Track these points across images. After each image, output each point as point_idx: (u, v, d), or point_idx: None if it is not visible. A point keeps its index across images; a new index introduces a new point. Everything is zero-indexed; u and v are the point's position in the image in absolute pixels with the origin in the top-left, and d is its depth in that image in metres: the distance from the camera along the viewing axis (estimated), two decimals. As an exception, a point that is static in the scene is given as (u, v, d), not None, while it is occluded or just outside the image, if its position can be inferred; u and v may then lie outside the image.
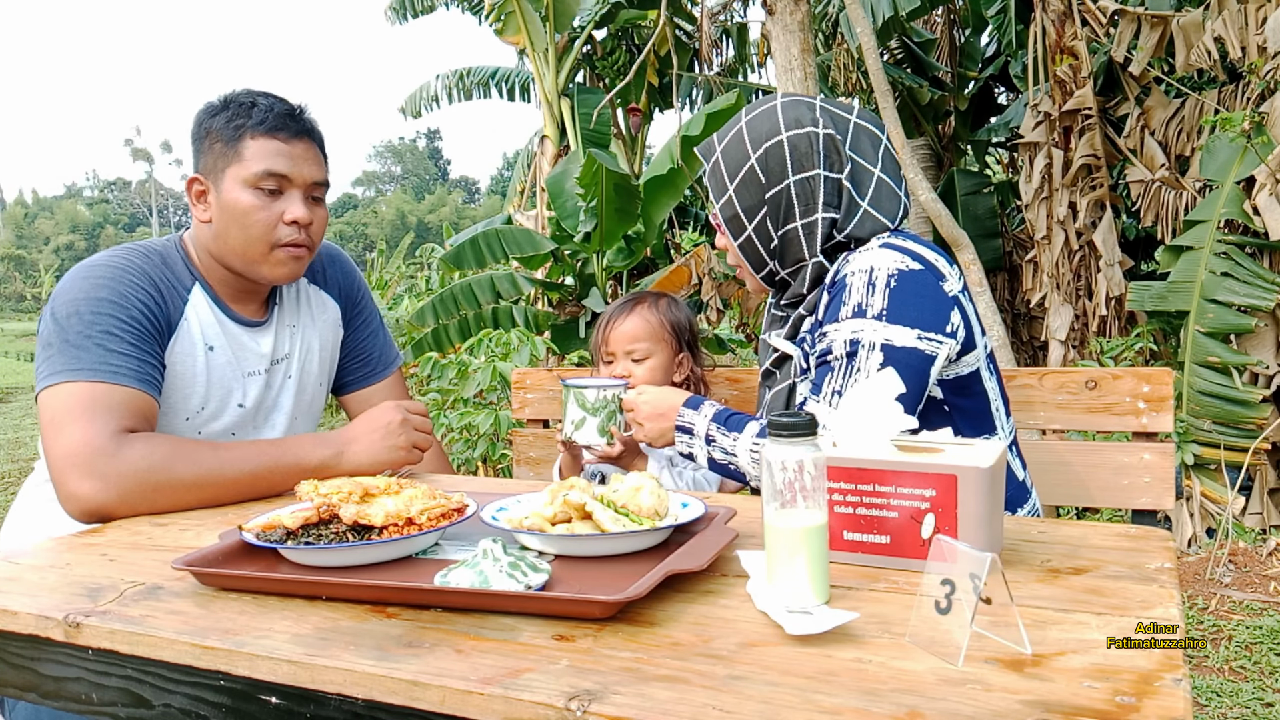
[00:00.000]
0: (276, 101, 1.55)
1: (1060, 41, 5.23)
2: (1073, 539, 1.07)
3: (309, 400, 1.71)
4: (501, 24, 8.17)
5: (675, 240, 9.75)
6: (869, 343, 1.34)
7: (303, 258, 1.56)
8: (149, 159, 71.83)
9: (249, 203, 1.50)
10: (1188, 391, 4.03)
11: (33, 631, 0.94)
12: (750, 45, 9.76)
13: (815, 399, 1.39)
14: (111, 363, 1.40)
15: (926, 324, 1.35)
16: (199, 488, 1.37)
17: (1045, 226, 5.48)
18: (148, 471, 1.34)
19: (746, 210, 1.50)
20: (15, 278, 49.76)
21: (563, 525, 1.08)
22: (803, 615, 0.82)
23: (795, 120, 1.47)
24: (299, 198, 1.53)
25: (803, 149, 1.46)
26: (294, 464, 1.43)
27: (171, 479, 1.35)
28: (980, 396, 1.45)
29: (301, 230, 1.54)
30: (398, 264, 15.70)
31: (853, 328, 1.36)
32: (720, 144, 1.53)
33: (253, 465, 1.41)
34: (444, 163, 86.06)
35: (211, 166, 1.53)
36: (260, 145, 1.50)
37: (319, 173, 1.57)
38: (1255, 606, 3.18)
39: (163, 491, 1.35)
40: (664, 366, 1.76)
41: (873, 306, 1.36)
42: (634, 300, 1.81)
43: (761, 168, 1.48)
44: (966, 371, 1.43)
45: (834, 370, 1.37)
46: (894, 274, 1.36)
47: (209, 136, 1.54)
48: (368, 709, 0.78)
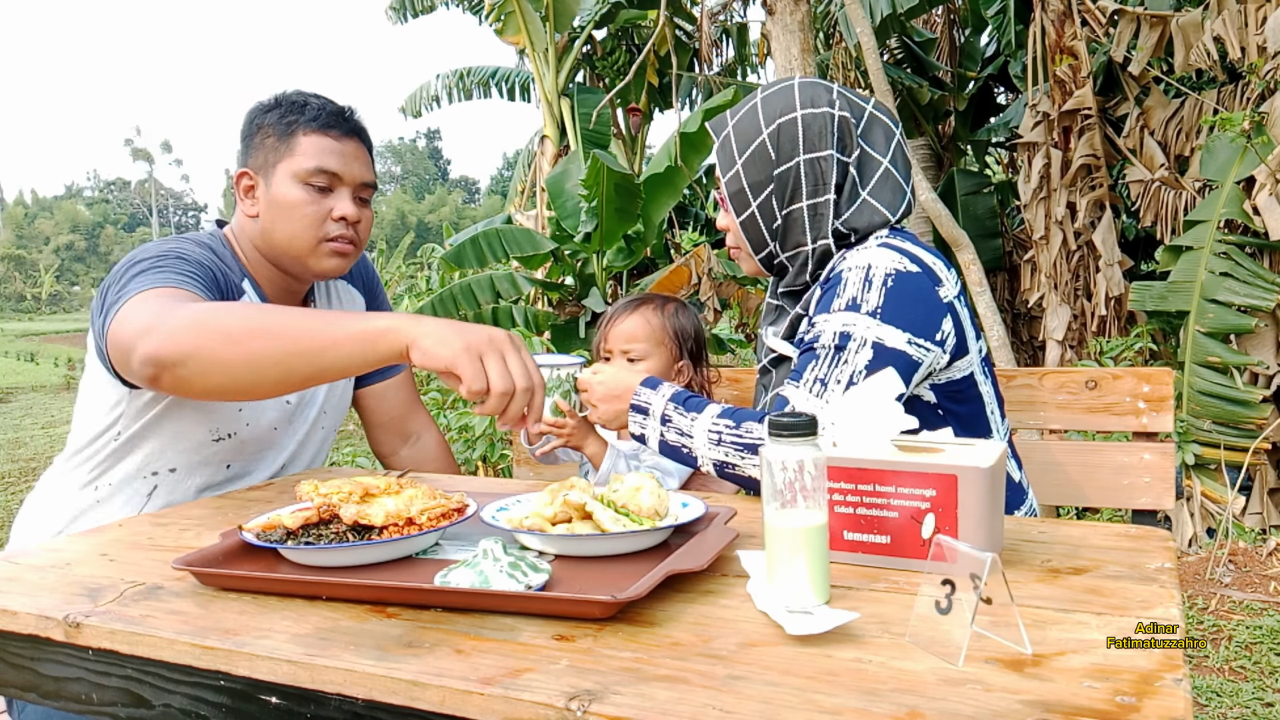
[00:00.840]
0: (327, 102, 1.57)
1: (1060, 41, 5.24)
2: (1073, 539, 1.07)
3: (339, 394, 1.73)
4: (501, 24, 8.18)
5: (675, 240, 9.76)
6: (860, 338, 1.32)
7: (349, 254, 1.57)
8: (149, 159, 71.85)
9: (299, 197, 1.51)
10: (1188, 391, 4.03)
11: (33, 631, 0.94)
12: (750, 45, 9.77)
13: (794, 384, 1.35)
14: (189, 274, 1.39)
15: (918, 329, 1.34)
16: (251, 333, 1.18)
17: (1043, 226, 5.49)
18: (198, 313, 1.23)
19: (752, 186, 1.47)
20: (15, 278, 49.75)
21: (563, 525, 1.08)
22: (803, 615, 0.82)
23: (811, 99, 1.45)
24: (348, 195, 1.55)
25: (816, 128, 1.44)
26: (353, 323, 1.16)
27: (220, 320, 1.21)
28: (975, 401, 1.44)
29: (350, 227, 1.55)
30: (398, 264, 15.72)
31: (844, 320, 1.34)
32: (733, 119, 1.50)
33: (303, 320, 1.19)
34: (444, 163, 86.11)
35: (262, 162, 1.54)
36: (313, 141, 1.52)
37: (368, 173, 1.58)
38: (1255, 606, 3.18)
39: (210, 331, 1.19)
40: (659, 370, 1.71)
41: (867, 303, 1.33)
42: (640, 300, 1.78)
43: (773, 143, 1.45)
44: (959, 376, 1.42)
45: (819, 359, 1.34)
46: (891, 274, 1.35)
47: (260, 131, 1.55)
48: (368, 709, 0.78)
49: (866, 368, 1.31)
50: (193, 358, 1.19)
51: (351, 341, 1.14)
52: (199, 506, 1.39)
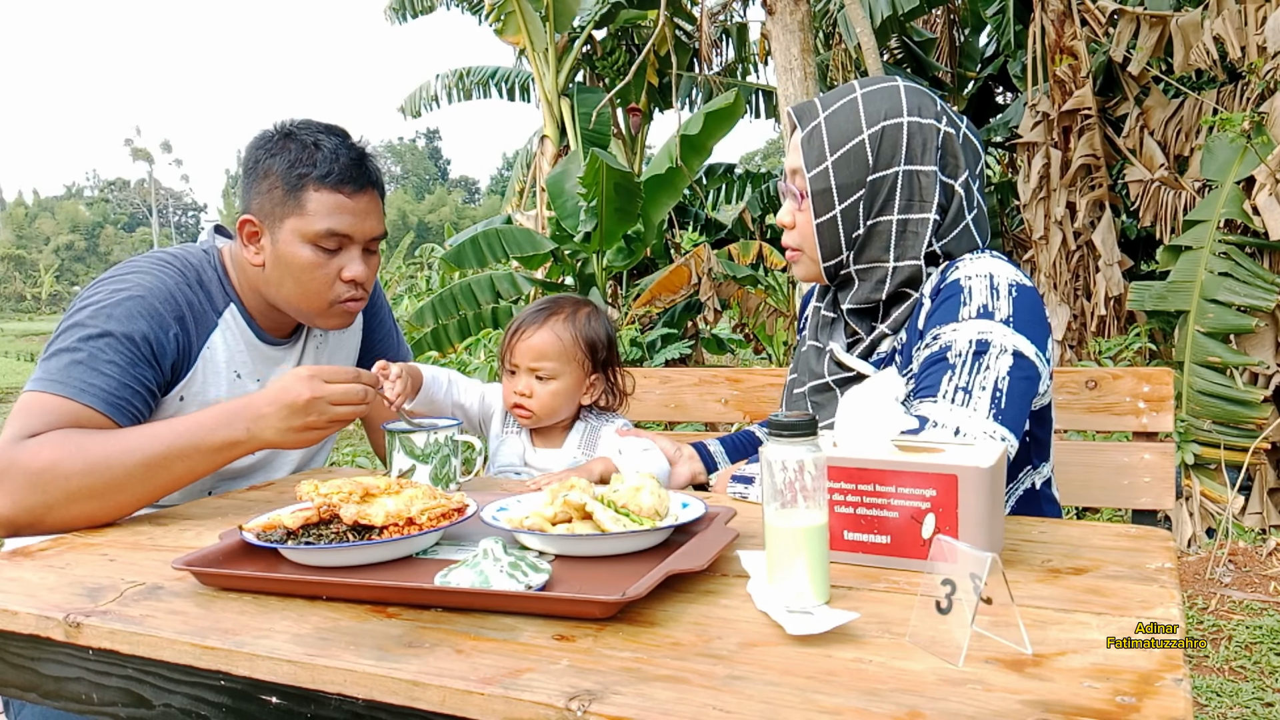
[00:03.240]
0: (340, 145, 1.46)
1: (1059, 41, 5.24)
2: (1073, 539, 1.07)
3: None
4: (501, 24, 8.18)
5: (675, 240, 9.75)
6: (999, 345, 1.23)
7: (356, 311, 1.52)
8: (149, 159, 71.75)
9: (308, 259, 1.44)
10: (1188, 391, 4.03)
11: (33, 631, 0.94)
12: (750, 45, 9.77)
13: (932, 400, 1.24)
14: (82, 379, 1.33)
15: (1042, 343, 1.27)
16: (93, 485, 1.24)
17: (1043, 226, 5.49)
18: (37, 473, 1.23)
19: (841, 187, 1.36)
20: (15, 278, 49.75)
21: (563, 525, 1.08)
22: (803, 615, 0.82)
23: (918, 107, 1.36)
24: (358, 254, 1.47)
25: (920, 140, 1.34)
26: (193, 445, 1.28)
27: (59, 478, 1.23)
28: (1048, 423, 1.39)
29: (358, 287, 1.49)
30: (398, 264, 15.72)
31: (979, 328, 1.25)
32: (825, 110, 1.39)
33: (146, 451, 1.27)
34: (444, 163, 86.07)
35: (269, 212, 1.45)
36: (324, 200, 1.42)
37: (379, 227, 1.50)
38: (1255, 606, 3.18)
39: (53, 494, 1.23)
40: (569, 390, 1.59)
41: (999, 310, 1.25)
42: (549, 310, 1.61)
43: (873, 146, 1.34)
44: (1049, 400, 1.37)
45: (956, 368, 1.24)
46: (1015, 284, 1.28)
47: (267, 178, 1.45)
48: (368, 709, 0.78)
49: (1009, 374, 1.23)
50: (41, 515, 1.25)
51: (195, 461, 1.30)
52: (199, 506, 1.39)
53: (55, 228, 65.23)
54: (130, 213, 77.74)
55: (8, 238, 61.38)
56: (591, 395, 1.64)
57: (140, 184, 78.38)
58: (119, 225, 72.29)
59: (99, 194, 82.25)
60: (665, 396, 2.03)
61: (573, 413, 1.65)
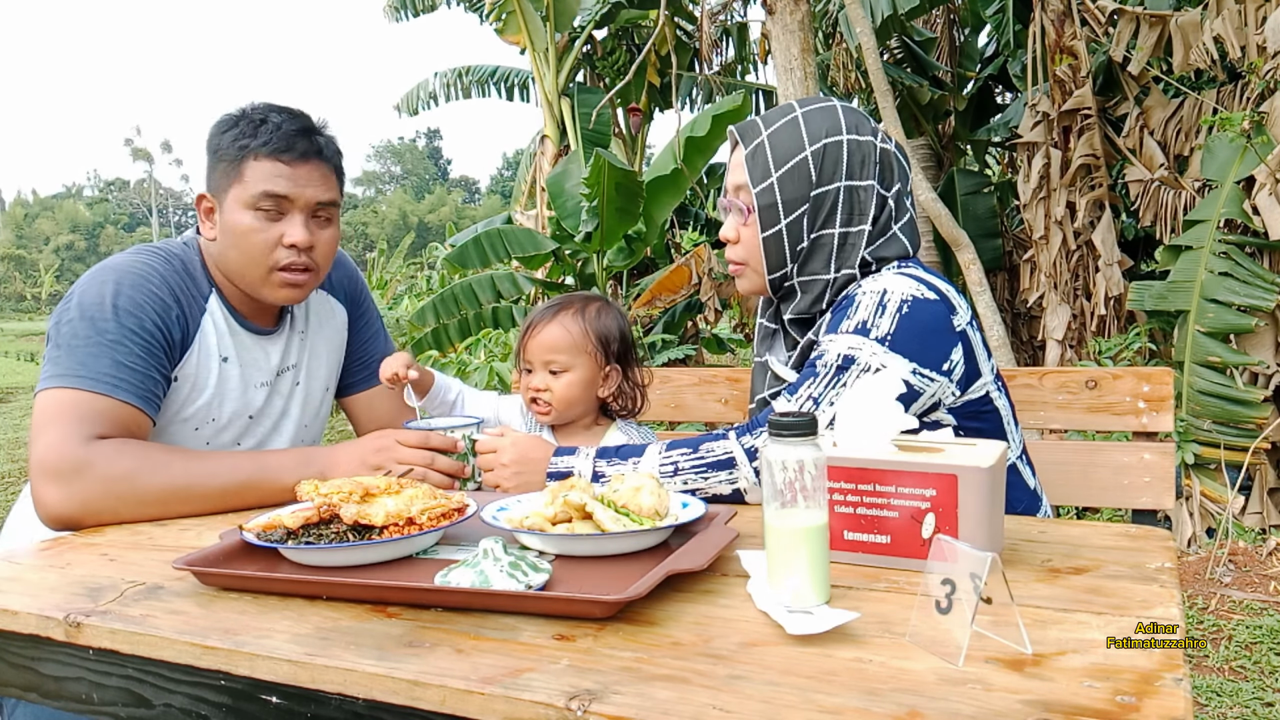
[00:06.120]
0: (287, 119, 1.50)
1: (1059, 41, 5.24)
2: (1073, 539, 1.07)
3: (316, 406, 1.71)
4: (502, 23, 8.19)
5: (675, 240, 9.75)
6: (864, 363, 1.30)
7: (303, 283, 1.52)
8: (149, 159, 71.80)
9: (248, 224, 1.47)
10: (1188, 391, 4.03)
11: (33, 631, 0.94)
12: (750, 45, 9.76)
13: (788, 398, 1.33)
14: (112, 374, 1.38)
15: (925, 360, 1.32)
16: (166, 501, 1.33)
17: (1043, 226, 5.49)
18: (114, 480, 1.31)
19: (787, 203, 1.42)
20: (15, 278, 49.74)
21: (563, 525, 1.08)
22: (803, 615, 0.82)
23: (856, 126, 1.44)
24: (300, 220, 1.49)
25: (859, 156, 1.42)
26: (271, 483, 1.38)
27: (137, 490, 1.31)
28: (992, 415, 1.43)
29: (301, 254, 1.49)
30: (398, 264, 15.73)
31: (850, 343, 1.32)
32: (767, 128, 1.45)
33: (224, 480, 1.36)
34: (444, 162, 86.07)
35: (217, 185, 1.51)
36: (261, 167, 1.46)
37: (325, 193, 1.51)
38: (1255, 606, 3.18)
39: (128, 502, 1.31)
40: (585, 381, 1.61)
41: (878, 328, 1.31)
42: (559, 306, 1.65)
43: (816, 163, 1.41)
44: (976, 396, 1.40)
45: (817, 377, 1.32)
46: (907, 300, 1.33)
47: (217, 154, 1.51)
48: (368, 709, 0.78)
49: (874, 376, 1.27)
50: (107, 518, 1.32)
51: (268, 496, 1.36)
52: (199, 506, 1.39)
53: (55, 228, 65.24)
54: (130, 213, 77.74)
55: (8, 238, 61.38)
56: (608, 388, 1.65)
57: (140, 184, 78.38)
58: (119, 225, 72.27)
59: (99, 194, 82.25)
60: (665, 396, 2.03)
61: (591, 408, 1.67)
